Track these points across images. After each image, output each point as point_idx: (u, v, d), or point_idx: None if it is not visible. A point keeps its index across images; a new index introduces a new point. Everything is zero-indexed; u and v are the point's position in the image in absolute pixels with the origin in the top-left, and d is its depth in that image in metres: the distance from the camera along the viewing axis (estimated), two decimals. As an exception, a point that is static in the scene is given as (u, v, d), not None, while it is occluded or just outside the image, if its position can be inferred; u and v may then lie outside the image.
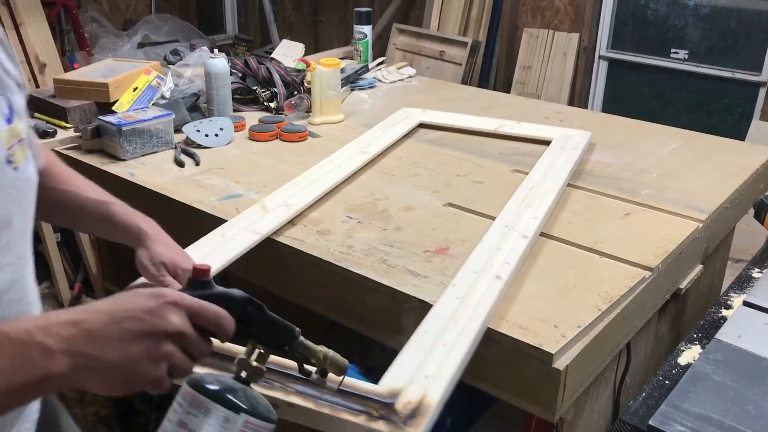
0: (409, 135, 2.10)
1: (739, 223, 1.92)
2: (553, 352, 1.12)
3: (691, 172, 1.85)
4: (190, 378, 0.72)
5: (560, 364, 1.14)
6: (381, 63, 2.81)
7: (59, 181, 1.07)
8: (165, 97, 2.12)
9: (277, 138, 2.06)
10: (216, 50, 2.18)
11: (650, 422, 1.13)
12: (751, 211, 1.81)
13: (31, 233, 0.87)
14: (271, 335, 0.79)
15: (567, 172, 1.73)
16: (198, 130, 1.99)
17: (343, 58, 2.73)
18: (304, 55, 2.59)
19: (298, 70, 2.43)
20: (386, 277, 1.33)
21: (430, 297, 1.26)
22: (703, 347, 1.35)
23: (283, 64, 2.46)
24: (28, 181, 0.84)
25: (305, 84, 2.31)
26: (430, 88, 2.67)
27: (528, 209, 1.54)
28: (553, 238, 1.50)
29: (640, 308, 1.37)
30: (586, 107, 4.19)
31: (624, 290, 1.30)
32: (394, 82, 2.67)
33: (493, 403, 1.70)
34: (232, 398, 0.71)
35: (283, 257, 1.47)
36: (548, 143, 1.96)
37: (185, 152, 1.91)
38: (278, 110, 2.26)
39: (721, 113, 3.98)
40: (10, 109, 0.80)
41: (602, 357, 1.29)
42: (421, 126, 2.16)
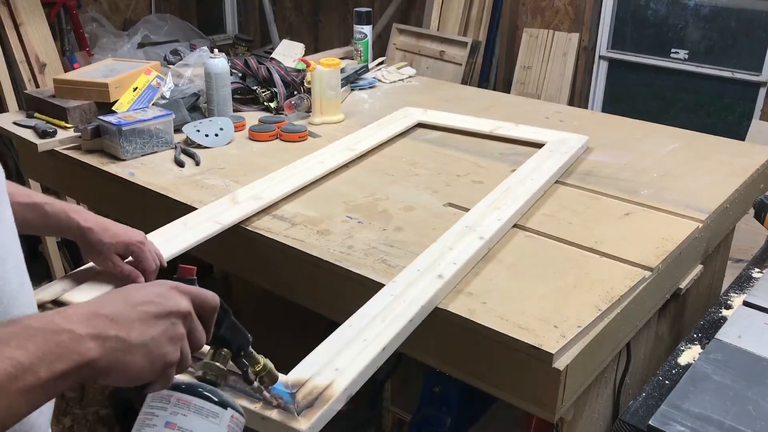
0: (408, 135, 2.10)
1: (739, 223, 1.92)
2: (553, 352, 1.12)
3: (691, 172, 1.85)
4: None
5: (560, 364, 1.14)
6: (381, 63, 2.81)
7: None
8: (165, 97, 2.12)
9: (277, 138, 2.06)
10: (216, 50, 2.17)
11: (650, 422, 1.13)
12: (751, 211, 1.81)
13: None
14: (234, 339, 0.81)
15: (548, 176, 1.72)
16: (198, 130, 1.99)
17: (343, 58, 2.73)
18: (304, 55, 2.59)
19: (298, 70, 2.42)
20: (386, 277, 1.32)
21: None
22: (703, 347, 1.35)
23: (283, 64, 2.46)
24: (3, 181, 0.82)
25: (305, 84, 2.31)
26: (430, 88, 2.67)
27: (495, 211, 1.54)
28: (552, 237, 1.50)
29: (640, 308, 1.38)
30: (586, 107, 4.19)
31: (624, 290, 1.30)
32: (394, 82, 2.67)
33: (493, 403, 1.70)
34: (219, 395, 0.73)
35: (283, 257, 1.47)
36: (543, 146, 1.95)
37: (185, 152, 1.91)
38: (278, 110, 2.26)
39: (721, 113, 3.98)
40: None
41: (602, 357, 1.29)
42: (420, 126, 2.16)
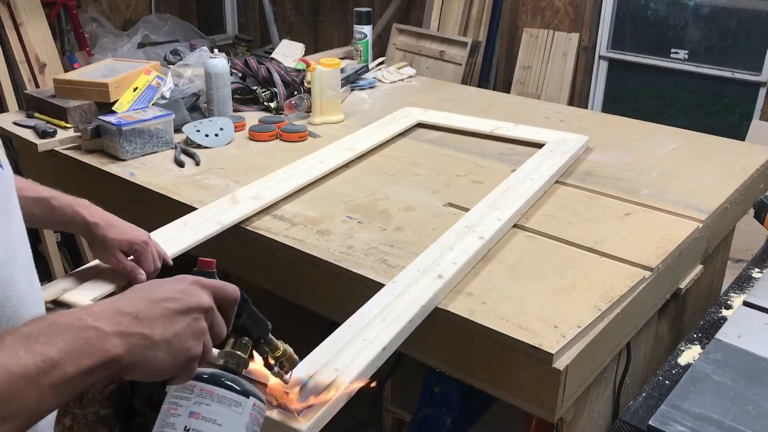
0: (408, 135, 2.10)
1: (739, 223, 1.92)
2: (553, 352, 1.12)
3: (691, 172, 1.85)
4: None
5: (560, 364, 1.14)
6: (381, 63, 2.81)
7: None
8: (165, 97, 2.12)
9: (277, 138, 2.06)
10: (216, 50, 2.18)
11: (650, 422, 1.13)
12: (751, 211, 1.81)
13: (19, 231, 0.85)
14: (254, 327, 0.82)
15: (548, 176, 1.72)
16: (198, 130, 1.99)
17: (343, 58, 2.73)
18: (304, 55, 2.59)
19: (298, 70, 2.43)
20: (386, 277, 1.32)
21: (430, 297, 1.26)
22: (703, 347, 1.35)
23: (283, 64, 2.46)
24: (12, 179, 0.83)
25: (305, 84, 2.31)
26: (430, 88, 2.67)
27: (495, 211, 1.54)
28: (552, 237, 1.50)
29: (640, 308, 1.38)
30: (586, 107, 4.19)
31: (624, 290, 1.30)
32: (394, 82, 2.67)
33: (493, 403, 1.70)
34: (242, 384, 0.75)
35: (283, 257, 1.47)
36: (543, 146, 1.95)
37: (185, 152, 1.91)
38: (278, 110, 2.26)
39: (721, 113, 3.98)
40: None
41: (602, 357, 1.29)
42: (420, 126, 2.16)
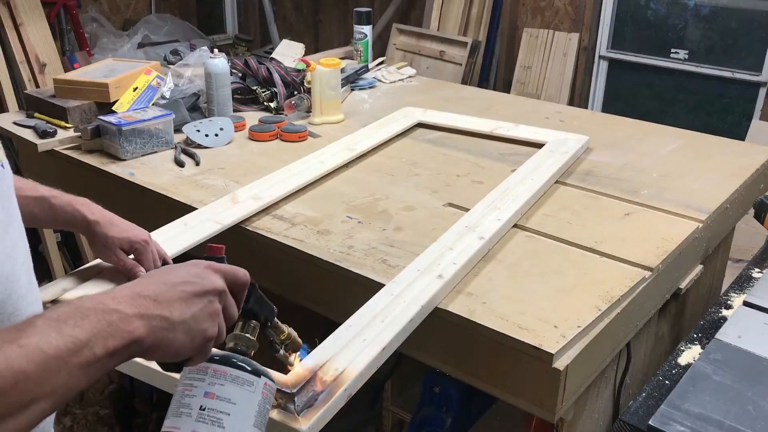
0: (408, 135, 2.10)
1: (739, 223, 1.92)
2: (553, 352, 1.12)
3: (691, 172, 1.85)
4: None
5: (560, 364, 1.14)
6: (381, 63, 2.81)
7: None
8: (165, 97, 2.12)
9: (277, 138, 2.06)
10: (216, 50, 2.18)
11: (650, 422, 1.13)
12: (751, 211, 1.81)
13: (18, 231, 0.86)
14: (261, 311, 0.85)
15: (548, 176, 1.72)
16: (198, 130, 1.99)
17: (343, 58, 2.73)
18: (304, 55, 2.59)
19: (298, 70, 2.43)
20: (386, 277, 1.32)
21: (430, 297, 1.26)
22: (703, 347, 1.35)
23: (283, 64, 2.46)
24: (12, 179, 0.84)
25: (305, 84, 2.31)
26: (430, 88, 2.67)
27: (495, 211, 1.54)
28: (552, 237, 1.50)
29: (640, 308, 1.37)
30: (586, 107, 4.19)
31: (624, 290, 1.30)
32: (394, 82, 2.67)
33: (493, 403, 1.70)
34: (252, 364, 0.77)
35: (283, 257, 1.47)
36: (543, 146, 1.95)
37: (185, 152, 1.91)
38: (278, 110, 2.26)
39: (721, 113, 3.98)
40: None
41: (602, 357, 1.29)
42: (420, 126, 2.16)
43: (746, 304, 1.47)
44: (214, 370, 0.75)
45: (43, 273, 3.04)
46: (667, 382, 1.27)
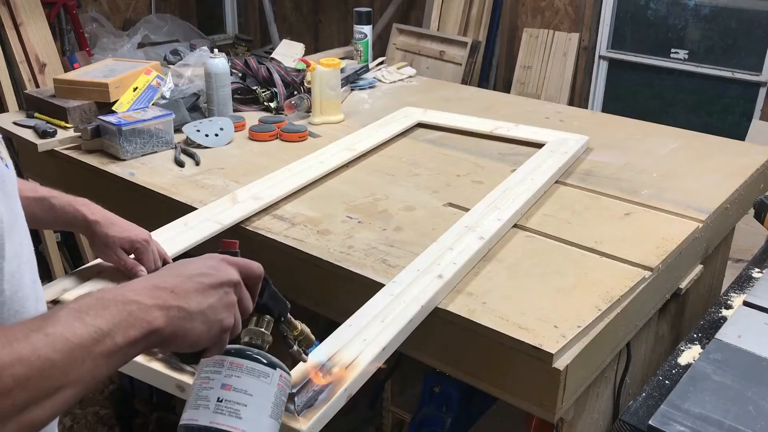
0: (408, 135, 2.10)
1: (739, 223, 1.92)
2: (553, 352, 1.12)
3: (691, 172, 1.85)
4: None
5: (560, 364, 1.14)
6: (381, 63, 2.81)
7: None
8: (165, 97, 2.12)
9: (277, 138, 2.06)
10: (216, 50, 2.18)
11: (650, 422, 1.13)
12: (751, 211, 1.81)
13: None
14: (275, 306, 0.86)
15: (548, 176, 1.72)
16: (198, 130, 1.99)
17: (343, 58, 2.73)
18: (304, 55, 2.59)
19: (298, 70, 2.43)
20: (386, 277, 1.32)
21: (430, 297, 1.26)
22: (703, 347, 1.35)
23: (283, 64, 2.46)
24: (15, 178, 0.84)
25: (305, 84, 2.31)
26: (430, 88, 2.67)
27: (495, 211, 1.54)
28: (552, 237, 1.50)
29: (640, 308, 1.37)
30: (586, 107, 4.19)
31: (624, 290, 1.30)
32: (394, 82, 2.67)
33: (493, 403, 1.70)
34: (268, 357, 0.79)
35: (283, 257, 1.47)
36: (543, 146, 1.95)
37: (185, 152, 1.91)
38: (278, 110, 2.26)
39: (721, 113, 3.97)
40: None
41: (602, 357, 1.29)
42: (420, 126, 2.16)
43: (746, 304, 1.47)
44: (230, 363, 0.76)
45: (43, 273, 3.04)
46: (667, 382, 1.27)
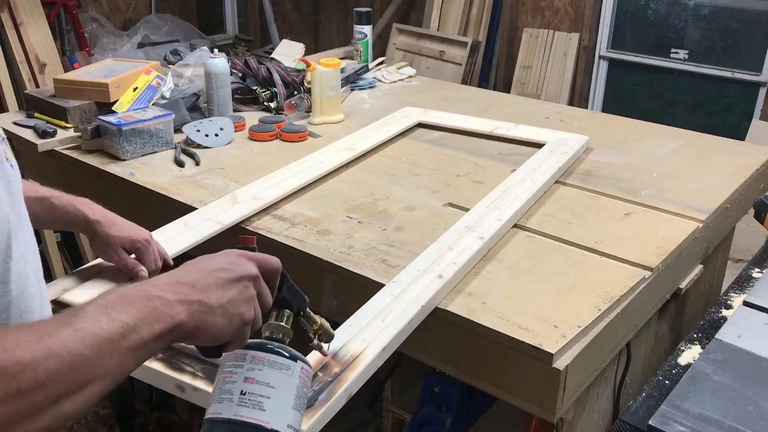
0: (408, 135, 2.10)
1: (739, 223, 1.92)
2: (553, 352, 1.12)
3: (691, 172, 1.85)
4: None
5: (560, 364, 1.14)
6: (381, 63, 2.81)
7: None
8: (165, 97, 2.12)
9: (277, 138, 2.06)
10: (216, 50, 2.18)
11: (650, 422, 1.13)
12: (751, 211, 1.81)
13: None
14: (294, 300, 0.88)
15: (548, 176, 1.72)
16: (198, 130, 1.99)
17: (343, 58, 2.73)
18: (304, 55, 2.59)
19: (298, 70, 2.43)
20: (386, 277, 1.32)
21: (430, 297, 1.25)
22: (703, 347, 1.35)
23: (283, 64, 2.46)
24: (20, 178, 0.85)
25: (305, 84, 2.31)
26: (430, 88, 2.67)
27: (495, 211, 1.54)
28: (552, 237, 1.50)
29: (640, 308, 1.37)
30: (586, 107, 4.19)
31: (624, 290, 1.30)
32: (394, 82, 2.67)
33: (493, 403, 1.70)
34: (289, 350, 0.80)
35: (283, 257, 1.47)
36: (543, 146, 1.95)
37: (185, 152, 1.91)
38: (278, 110, 2.26)
39: (721, 113, 3.98)
40: None
41: (602, 357, 1.29)
42: (420, 126, 2.16)
43: (746, 304, 1.47)
44: (252, 357, 0.77)
45: (43, 273, 3.03)
46: (667, 382, 1.27)
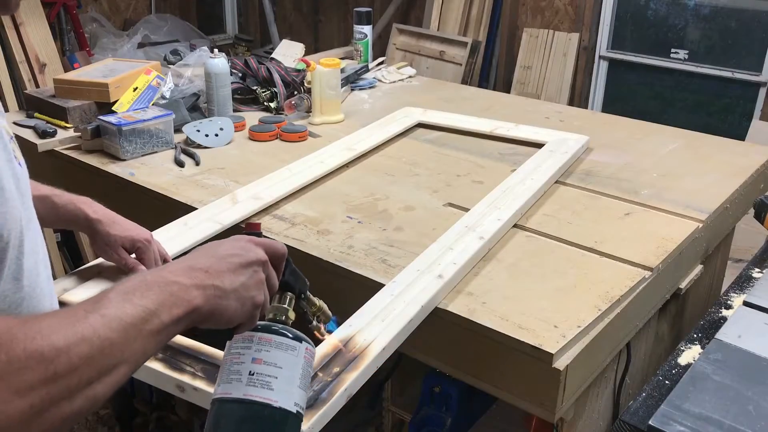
0: (408, 135, 2.10)
1: (739, 223, 1.92)
2: (553, 352, 1.12)
3: (691, 172, 1.85)
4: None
5: (560, 364, 1.14)
6: (381, 63, 2.81)
7: None
8: (165, 97, 2.12)
9: (277, 138, 2.06)
10: (216, 50, 2.18)
11: (650, 422, 1.13)
12: (751, 211, 1.81)
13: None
14: (296, 283, 0.91)
15: (548, 176, 1.72)
16: (198, 130, 1.99)
17: (343, 58, 2.73)
18: (304, 55, 2.59)
19: (298, 70, 2.42)
20: (386, 277, 1.32)
21: (430, 297, 1.25)
22: (703, 347, 1.35)
23: (283, 64, 2.46)
24: (27, 176, 0.85)
25: (305, 84, 2.31)
26: (430, 88, 2.67)
27: (495, 211, 1.53)
28: (552, 237, 1.50)
29: (640, 308, 1.37)
30: (586, 107, 4.19)
31: (624, 290, 1.30)
32: (394, 82, 2.67)
33: (493, 403, 1.70)
34: (293, 331, 0.82)
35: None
36: (543, 146, 1.95)
37: (185, 152, 1.91)
38: (278, 110, 2.26)
39: (721, 113, 3.98)
40: None
41: (602, 357, 1.29)
42: (420, 126, 2.16)
43: (746, 304, 1.47)
44: (259, 338, 0.79)
45: (44, 273, 3.03)
46: (667, 382, 1.27)
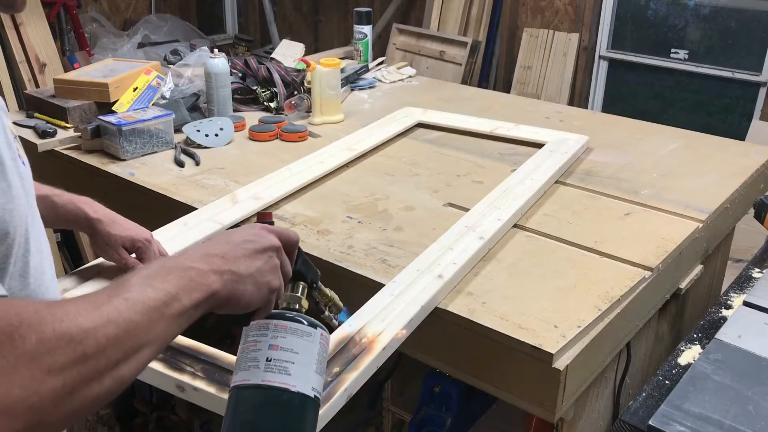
0: (408, 135, 2.10)
1: (739, 223, 1.92)
2: (553, 352, 1.12)
3: (691, 172, 1.85)
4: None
5: (560, 364, 1.14)
6: (381, 63, 2.81)
7: None
8: (165, 97, 2.12)
9: (277, 138, 2.06)
10: (216, 50, 2.17)
11: (650, 422, 1.13)
12: (751, 211, 1.81)
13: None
14: (308, 273, 0.92)
15: (548, 176, 1.72)
16: (198, 130, 1.99)
17: (343, 58, 2.73)
18: (304, 55, 2.59)
19: (298, 70, 2.43)
20: (386, 277, 1.32)
21: (430, 297, 1.25)
22: (703, 347, 1.35)
23: (283, 64, 2.46)
24: (31, 175, 0.85)
25: (305, 84, 2.31)
26: (431, 88, 2.67)
27: (495, 211, 1.53)
28: (552, 237, 1.50)
29: (640, 308, 1.37)
30: (586, 107, 4.19)
31: (624, 290, 1.30)
32: (394, 82, 2.67)
33: (493, 403, 1.70)
34: (308, 318, 0.83)
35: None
36: (543, 146, 1.95)
37: (185, 152, 1.91)
38: (278, 110, 2.26)
39: (721, 113, 3.98)
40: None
41: (602, 357, 1.29)
42: (420, 126, 2.16)
43: (746, 304, 1.47)
44: (275, 325, 0.81)
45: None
46: (667, 382, 1.27)
